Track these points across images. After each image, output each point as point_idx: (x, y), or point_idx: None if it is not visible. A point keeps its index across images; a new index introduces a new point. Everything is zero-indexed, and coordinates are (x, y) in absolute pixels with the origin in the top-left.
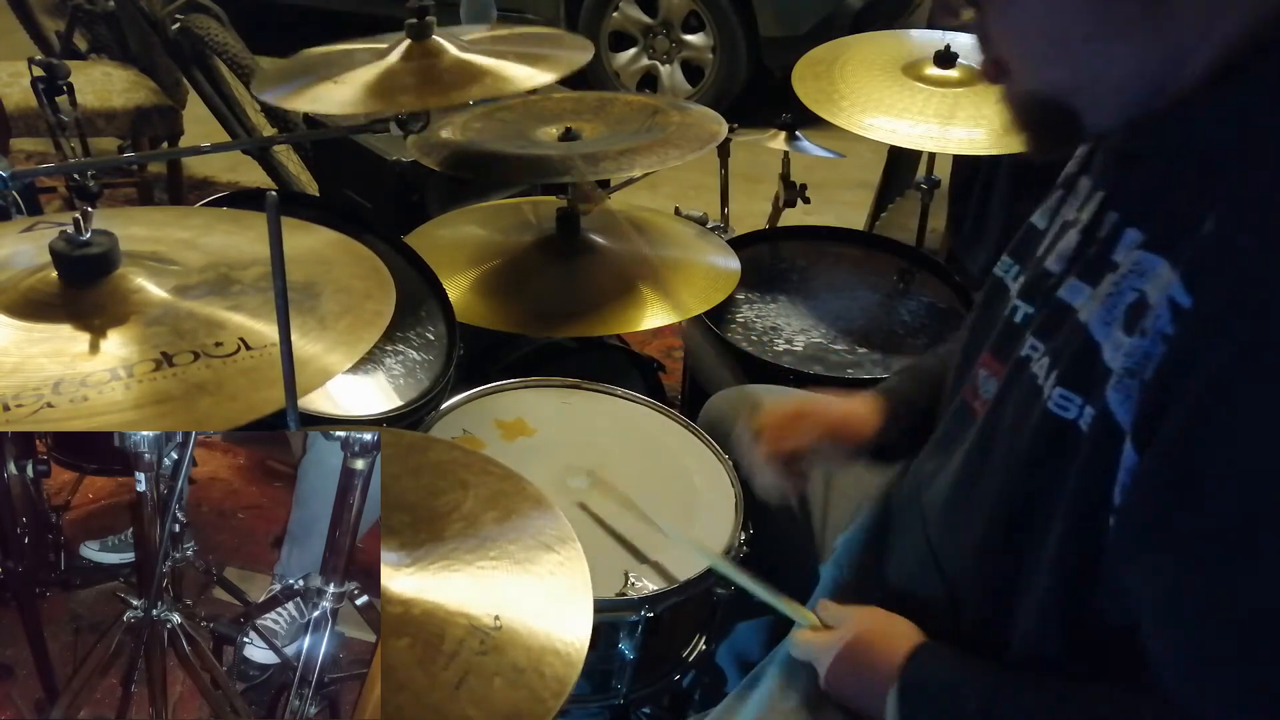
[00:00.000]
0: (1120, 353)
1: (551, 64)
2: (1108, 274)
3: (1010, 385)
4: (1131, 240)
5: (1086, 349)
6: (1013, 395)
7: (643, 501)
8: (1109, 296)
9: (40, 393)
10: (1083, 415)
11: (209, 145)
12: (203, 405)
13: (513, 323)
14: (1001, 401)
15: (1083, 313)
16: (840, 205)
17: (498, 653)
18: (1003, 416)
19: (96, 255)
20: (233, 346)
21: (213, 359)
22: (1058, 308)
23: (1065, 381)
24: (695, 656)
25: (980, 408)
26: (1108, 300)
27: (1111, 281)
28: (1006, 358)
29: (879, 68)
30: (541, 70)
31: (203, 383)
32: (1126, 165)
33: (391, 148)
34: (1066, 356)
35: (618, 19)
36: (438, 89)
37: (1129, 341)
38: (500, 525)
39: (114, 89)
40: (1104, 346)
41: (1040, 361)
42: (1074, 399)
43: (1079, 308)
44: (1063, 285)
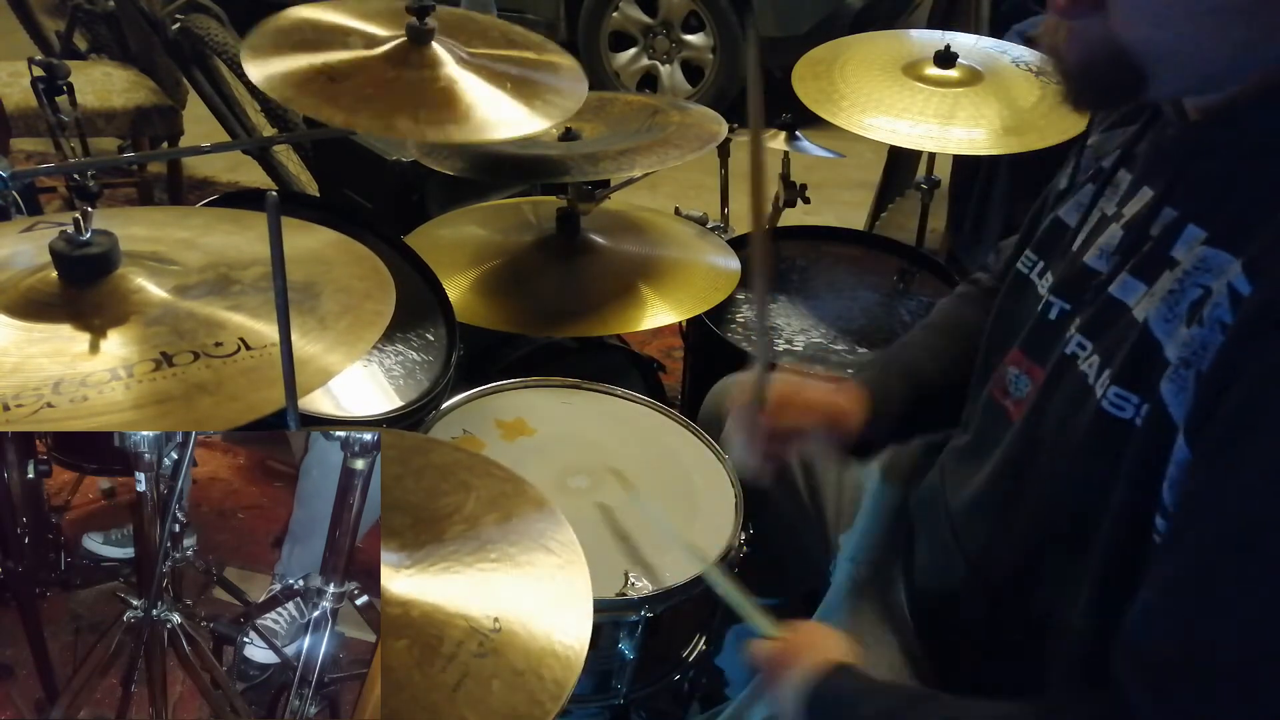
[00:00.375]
0: (1178, 344)
1: (547, 105)
2: (1165, 270)
3: (1054, 384)
4: (1192, 237)
5: (1146, 347)
6: (1058, 394)
7: (643, 501)
8: (1170, 294)
9: (40, 392)
10: (1139, 414)
11: (209, 145)
12: (203, 405)
13: (513, 323)
14: (1045, 401)
15: (1139, 310)
16: (840, 205)
17: (496, 655)
18: (1046, 416)
19: (96, 255)
20: (233, 346)
21: (213, 359)
22: (1108, 305)
23: (1121, 380)
24: (695, 656)
25: (1014, 408)
26: (1169, 298)
27: (1174, 279)
28: (1043, 355)
29: (879, 68)
30: (536, 113)
31: (203, 383)
32: (1187, 161)
33: (391, 148)
34: (1122, 355)
35: (618, 19)
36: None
37: (1187, 333)
38: (501, 527)
39: (114, 89)
40: (1166, 345)
41: (1089, 360)
42: (1130, 398)
43: (1134, 305)
44: (1114, 282)
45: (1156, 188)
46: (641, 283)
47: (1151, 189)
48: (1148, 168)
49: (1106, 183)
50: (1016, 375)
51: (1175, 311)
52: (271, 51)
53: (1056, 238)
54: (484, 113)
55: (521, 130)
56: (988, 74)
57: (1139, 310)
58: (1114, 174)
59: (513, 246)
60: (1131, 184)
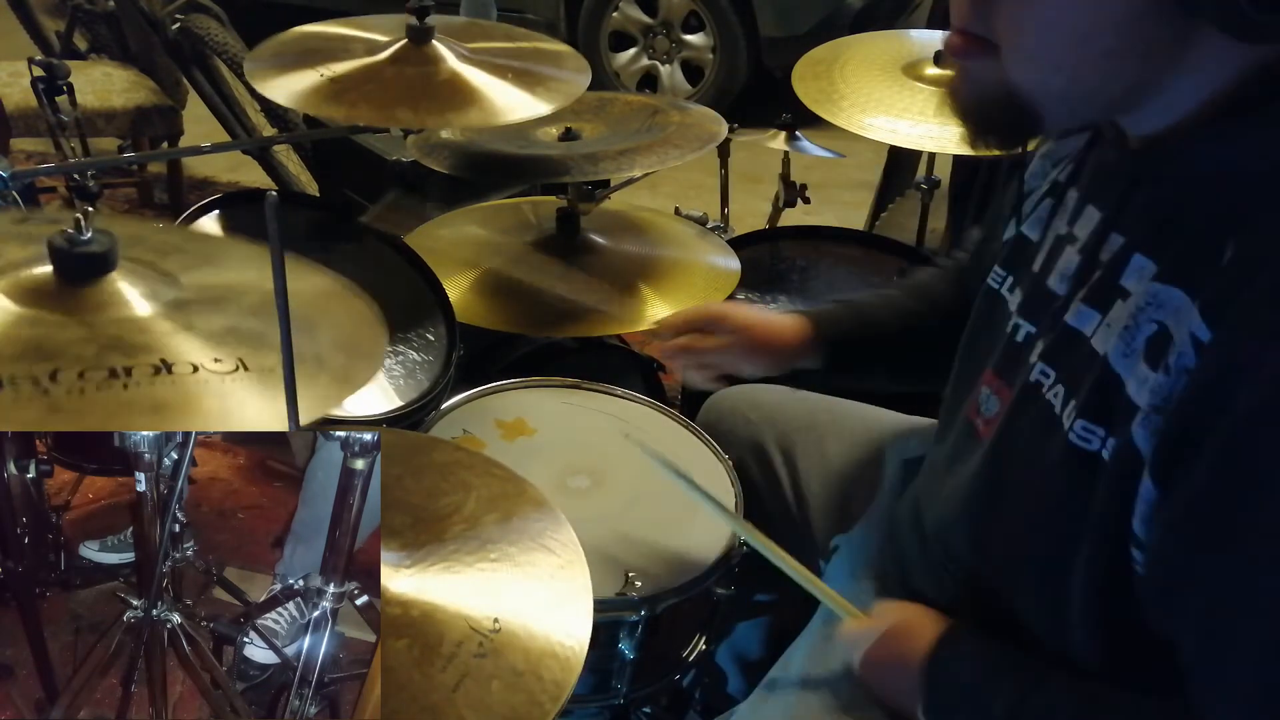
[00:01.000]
0: (1146, 388)
1: (549, 92)
2: (1118, 300)
3: (1020, 411)
4: (1142, 268)
5: (1108, 382)
6: (1024, 422)
7: (642, 501)
8: (1126, 329)
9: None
10: (1105, 446)
11: (209, 145)
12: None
13: (513, 323)
14: (1012, 426)
15: (1097, 342)
16: (840, 205)
17: (496, 656)
18: (1015, 442)
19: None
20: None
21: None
22: (1066, 333)
23: (1086, 414)
24: (695, 656)
25: (984, 427)
26: (1125, 333)
27: (1128, 313)
28: (1012, 378)
29: (879, 68)
30: (539, 98)
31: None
32: (1131, 189)
33: (391, 148)
34: (1086, 388)
35: (618, 19)
36: (434, 107)
37: (1154, 377)
38: (502, 527)
39: (114, 89)
40: (1128, 382)
41: (1054, 389)
42: (1096, 431)
43: (1091, 335)
44: (1069, 310)
45: (1103, 210)
46: (641, 283)
47: (1099, 211)
48: (1094, 188)
49: (1059, 201)
50: (988, 395)
51: (1132, 347)
52: (274, 64)
53: (1021, 254)
54: (486, 99)
55: (526, 113)
56: None
57: (1097, 342)
58: (1065, 191)
59: (513, 246)
60: (1079, 202)
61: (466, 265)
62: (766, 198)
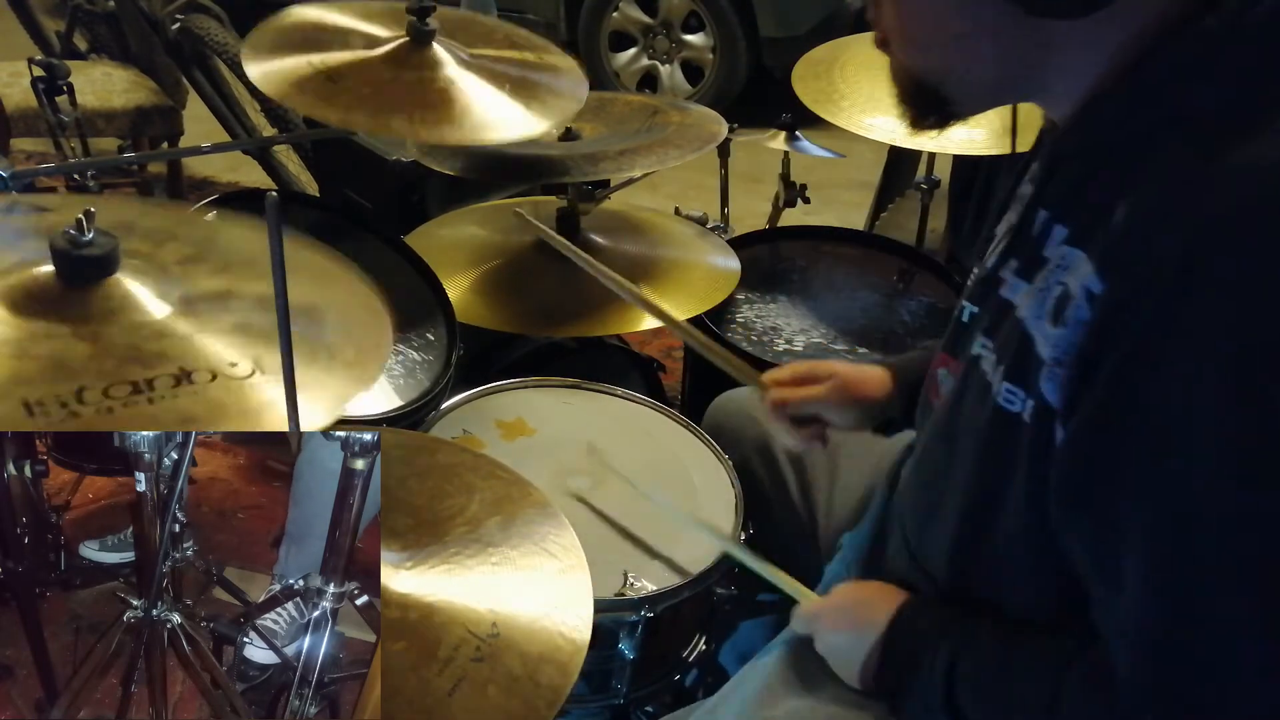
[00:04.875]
0: (1049, 344)
1: (545, 108)
2: (1040, 270)
3: (965, 383)
4: (1058, 236)
5: (1023, 343)
6: (968, 393)
7: (642, 501)
8: (1040, 292)
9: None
10: (1025, 407)
11: (209, 145)
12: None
13: (513, 323)
14: (959, 399)
15: (1020, 309)
16: (840, 205)
17: (493, 660)
18: (961, 413)
19: (96, 256)
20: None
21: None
22: (1001, 306)
23: (1010, 376)
24: (696, 656)
25: (938, 402)
26: (1038, 295)
27: (1041, 277)
28: (962, 355)
29: (879, 68)
30: (534, 114)
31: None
32: (1053, 165)
33: (391, 148)
34: (1009, 352)
35: (618, 19)
36: (429, 118)
37: (1054, 333)
38: (503, 530)
39: (114, 89)
40: (1036, 339)
41: (989, 359)
42: (1018, 392)
43: (1017, 304)
44: (1003, 284)
45: (1034, 189)
46: (641, 283)
47: (1032, 190)
48: (1033, 175)
49: (1012, 195)
50: (945, 375)
51: (1042, 309)
52: (271, 51)
53: (983, 250)
54: (480, 114)
55: (517, 133)
56: None
57: (1020, 309)
58: (1018, 186)
59: (513, 246)
60: (1028, 194)
61: (466, 265)
62: (766, 198)
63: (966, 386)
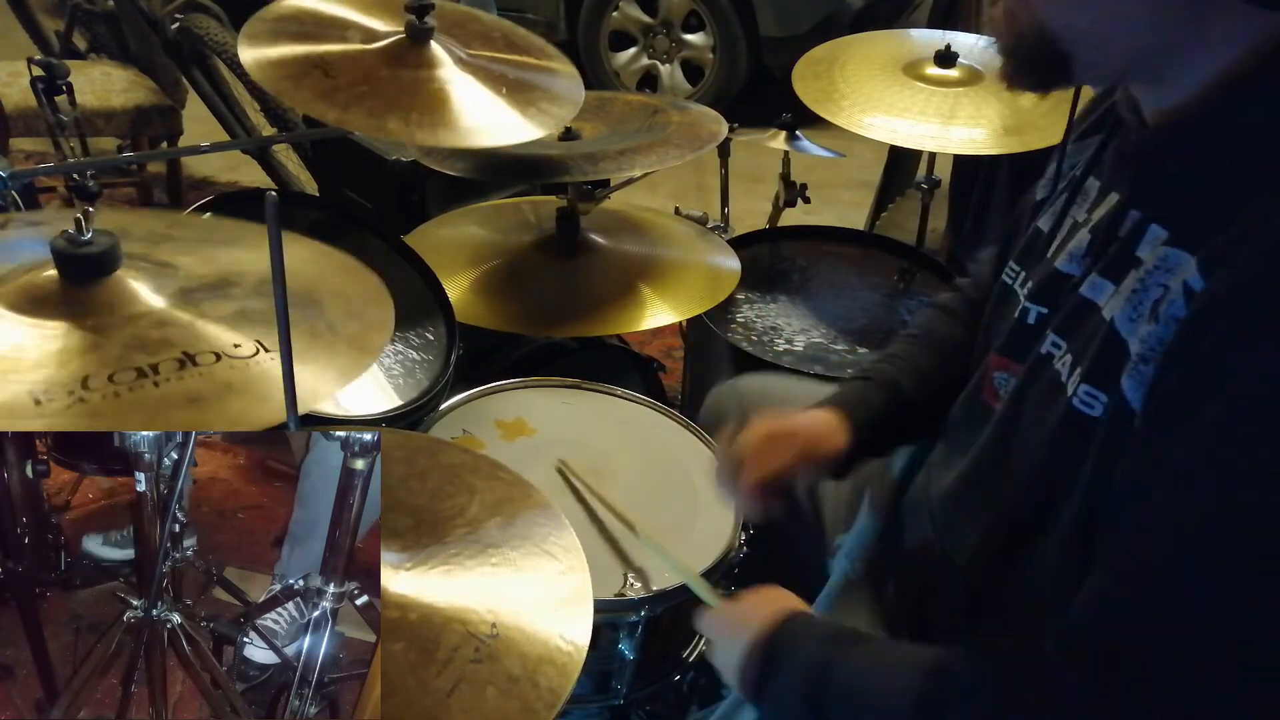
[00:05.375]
0: (1138, 340)
1: (541, 113)
2: (1131, 270)
3: (1030, 381)
4: (1155, 236)
5: (1112, 345)
6: (1033, 391)
7: (642, 501)
8: (1134, 293)
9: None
10: (1103, 410)
11: (209, 145)
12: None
13: (513, 323)
14: (1020, 397)
15: (1107, 309)
16: (840, 205)
17: (492, 661)
18: (1022, 412)
19: (97, 254)
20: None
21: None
22: (1080, 305)
23: (1090, 379)
24: (695, 656)
25: (998, 404)
26: (1133, 296)
27: (1136, 278)
28: (1022, 356)
29: (879, 68)
30: (529, 120)
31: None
32: (1149, 165)
33: (391, 147)
34: (1091, 354)
35: (618, 18)
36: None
37: (1146, 329)
38: (504, 531)
39: (113, 89)
40: (1130, 343)
41: (1063, 359)
42: (1099, 395)
43: (1103, 304)
44: (1084, 283)
45: (1122, 192)
46: (641, 283)
47: (1118, 193)
48: (1113, 174)
49: (1077, 190)
50: (1005, 378)
51: (1139, 310)
52: (267, 39)
53: (1034, 247)
54: (476, 118)
55: (513, 138)
56: (988, 74)
57: (1107, 309)
58: (1084, 182)
59: (513, 246)
60: (1100, 190)
61: (466, 265)
62: (766, 198)
63: (1030, 383)
